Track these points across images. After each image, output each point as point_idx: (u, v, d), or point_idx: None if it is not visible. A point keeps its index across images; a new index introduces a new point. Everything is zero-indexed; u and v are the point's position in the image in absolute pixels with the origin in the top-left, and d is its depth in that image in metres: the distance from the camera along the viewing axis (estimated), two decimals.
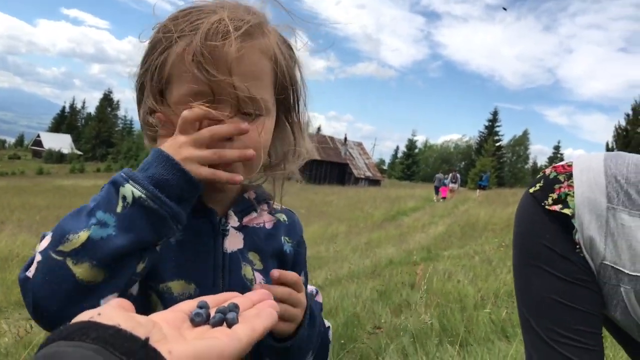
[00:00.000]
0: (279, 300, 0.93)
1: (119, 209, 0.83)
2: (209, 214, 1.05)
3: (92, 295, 0.80)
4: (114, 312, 0.56)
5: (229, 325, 0.64)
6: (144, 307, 0.99)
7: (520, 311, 1.30)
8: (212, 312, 0.66)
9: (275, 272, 0.97)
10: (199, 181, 0.89)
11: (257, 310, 0.70)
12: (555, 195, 1.21)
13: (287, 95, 1.08)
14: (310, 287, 1.23)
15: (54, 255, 0.81)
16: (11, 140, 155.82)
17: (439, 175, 28.67)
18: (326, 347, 1.21)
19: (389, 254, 10.20)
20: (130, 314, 0.57)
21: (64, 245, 0.81)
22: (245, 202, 1.11)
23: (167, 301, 0.98)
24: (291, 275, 0.98)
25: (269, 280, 1.07)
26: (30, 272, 0.83)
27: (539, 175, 1.31)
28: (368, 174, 60.73)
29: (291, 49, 1.09)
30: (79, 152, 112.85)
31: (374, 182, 58.99)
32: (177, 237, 1.01)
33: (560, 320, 1.18)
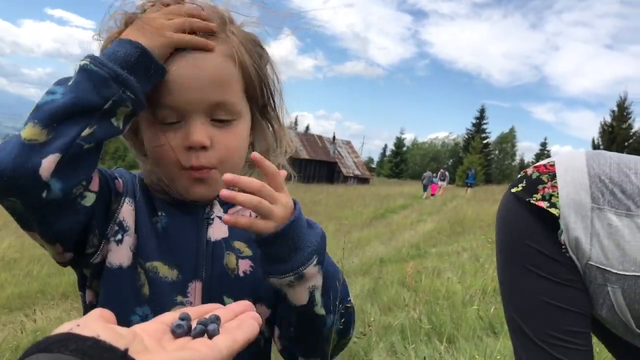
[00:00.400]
0: (250, 191, 0.87)
1: (70, 82, 0.86)
2: (194, 203, 1.06)
3: (34, 152, 0.80)
4: (93, 322, 0.56)
5: (210, 337, 0.64)
6: (131, 283, 0.99)
7: (507, 312, 1.29)
8: (194, 324, 0.66)
9: (257, 155, 0.89)
10: (150, 48, 0.90)
11: (239, 322, 0.70)
12: (539, 196, 1.21)
13: (258, 94, 1.07)
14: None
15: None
16: None
17: (428, 174, 28.87)
18: (345, 293, 1.07)
19: (378, 252, 10.23)
20: (111, 325, 0.57)
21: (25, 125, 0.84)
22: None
23: (153, 280, 0.99)
24: (270, 165, 0.90)
25: (255, 267, 1.06)
26: None
27: (520, 175, 1.31)
28: (357, 172, 60.76)
29: (259, 45, 1.08)
30: None
31: (362, 180, 59.04)
32: (163, 224, 1.03)
33: (550, 322, 1.18)
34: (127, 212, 1.01)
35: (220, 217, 1.07)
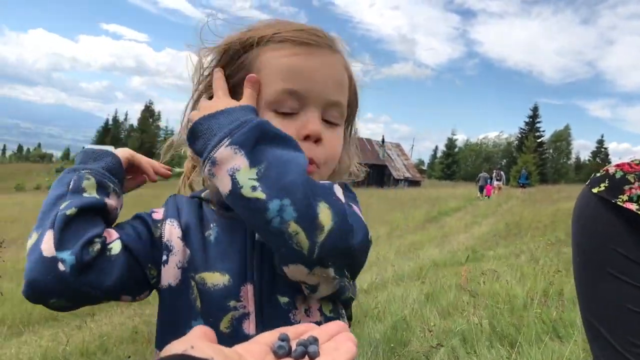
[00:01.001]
0: None
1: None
2: None
3: (35, 248, 0.91)
4: (204, 345, 0.59)
5: (311, 359, 0.65)
6: (185, 298, 1.00)
7: (584, 317, 1.22)
8: (293, 345, 0.67)
9: None
10: None
11: (336, 344, 0.70)
12: (625, 197, 1.13)
13: (352, 112, 1.14)
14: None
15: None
16: (58, 153, 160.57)
17: (483, 174, 28.62)
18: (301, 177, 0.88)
19: (432, 256, 10.12)
20: (218, 347, 0.60)
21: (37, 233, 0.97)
22: None
23: (203, 292, 0.99)
24: None
25: None
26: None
27: (600, 174, 1.21)
28: (407, 175, 60.27)
29: (353, 74, 1.13)
30: None
31: (413, 183, 58.50)
32: (215, 234, 1.04)
33: (634, 329, 1.11)
34: (170, 232, 1.03)
35: None
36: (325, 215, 0.85)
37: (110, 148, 1.08)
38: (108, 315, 7.10)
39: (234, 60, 1.05)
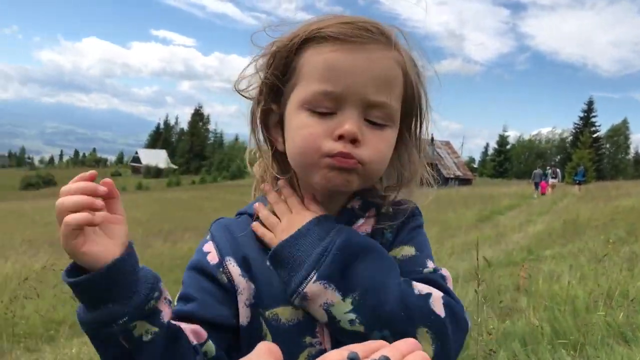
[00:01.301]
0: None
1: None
2: None
3: None
4: None
5: None
6: (256, 338, 0.96)
7: None
8: None
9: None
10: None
11: None
12: None
13: (412, 111, 1.05)
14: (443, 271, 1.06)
15: None
16: (112, 158, 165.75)
17: (538, 171, 28.52)
18: (407, 307, 0.90)
19: (486, 256, 9.89)
20: None
21: None
22: (347, 214, 1.05)
23: (275, 328, 0.96)
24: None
25: None
26: None
27: None
28: (458, 173, 59.46)
29: (418, 66, 1.05)
30: (174, 166, 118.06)
31: (464, 181, 57.65)
32: None
33: None
34: (233, 273, 1.00)
35: None
36: (425, 342, 0.88)
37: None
38: None
39: (283, 65, 1.00)
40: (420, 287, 0.94)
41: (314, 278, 0.89)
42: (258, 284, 0.99)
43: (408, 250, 1.04)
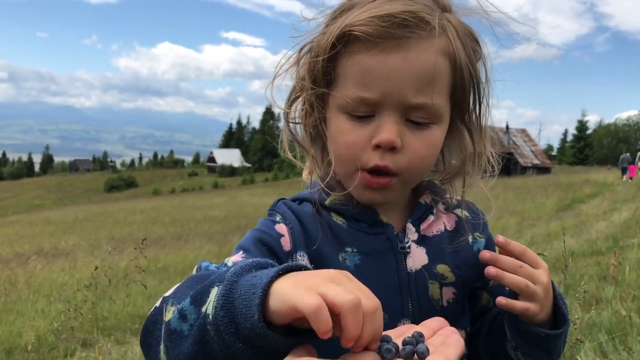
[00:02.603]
0: (507, 270, 0.86)
1: (203, 309, 0.67)
2: (385, 230, 0.98)
3: None
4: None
5: (422, 357, 0.61)
6: (325, 339, 0.92)
7: None
8: (399, 345, 0.64)
9: (500, 238, 0.87)
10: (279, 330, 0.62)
11: (443, 338, 0.67)
12: None
13: (465, 97, 0.96)
14: None
15: (163, 311, 0.74)
16: (189, 159, 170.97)
17: (625, 156, 27.69)
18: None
19: (569, 246, 9.53)
20: None
21: (165, 309, 0.74)
22: (420, 208, 1.03)
23: None
24: (518, 245, 0.87)
25: (461, 295, 1.00)
26: (156, 304, 0.79)
27: None
28: (536, 161, 57.42)
29: (475, 40, 0.95)
30: (248, 165, 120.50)
31: (542, 170, 55.63)
32: (355, 260, 0.95)
33: None
34: None
35: (415, 241, 0.99)
36: None
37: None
38: None
39: (322, 73, 0.93)
40: None
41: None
42: None
43: None
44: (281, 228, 0.97)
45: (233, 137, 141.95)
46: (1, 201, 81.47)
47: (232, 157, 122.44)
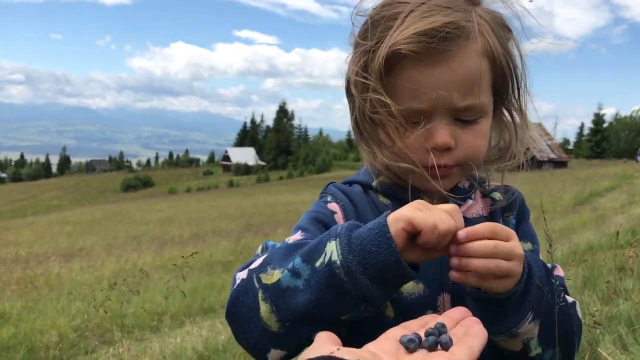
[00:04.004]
0: (484, 256, 0.80)
1: (317, 264, 0.80)
2: None
3: (265, 338, 0.84)
4: (345, 349, 0.61)
5: (445, 348, 0.62)
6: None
7: None
8: (422, 335, 0.65)
9: (461, 233, 0.81)
10: (415, 267, 0.81)
11: (465, 328, 0.68)
12: None
13: (506, 84, 1.02)
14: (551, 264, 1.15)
15: (254, 280, 0.85)
16: (204, 157, 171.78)
17: None
18: (570, 324, 0.99)
19: (587, 239, 9.45)
20: (352, 349, 0.61)
21: (263, 275, 0.84)
22: (460, 192, 1.07)
23: (397, 301, 0.98)
24: (483, 227, 0.82)
25: None
26: (237, 279, 0.90)
27: None
28: (552, 155, 57.01)
29: (506, 26, 1.01)
30: (263, 163, 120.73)
31: (559, 164, 55.21)
32: None
33: None
34: None
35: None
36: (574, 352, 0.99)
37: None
38: None
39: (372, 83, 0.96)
40: (569, 299, 1.01)
41: (530, 318, 0.88)
42: None
43: (527, 247, 1.10)
44: (333, 206, 1.05)
45: (247, 136, 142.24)
46: (20, 202, 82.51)
47: (246, 156, 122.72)
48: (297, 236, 0.98)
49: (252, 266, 0.88)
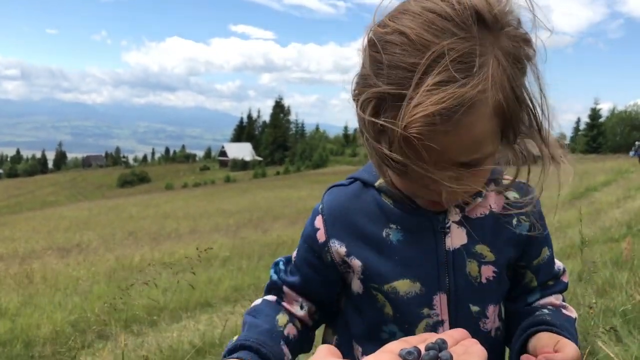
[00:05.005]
0: None
1: None
2: (426, 212, 1.02)
3: None
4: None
5: None
6: (371, 306, 1.04)
7: None
8: (422, 350, 0.65)
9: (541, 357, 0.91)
10: None
11: (465, 347, 0.69)
12: None
13: (518, 121, 0.91)
14: (558, 264, 1.17)
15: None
16: (200, 153, 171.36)
17: None
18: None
19: (583, 233, 9.47)
20: None
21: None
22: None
23: (393, 301, 1.01)
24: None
25: (501, 274, 1.05)
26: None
27: None
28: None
29: (525, 55, 0.88)
30: (259, 158, 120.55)
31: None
32: (398, 236, 1.01)
33: None
34: (337, 254, 1.05)
35: (456, 222, 1.02)
36: None
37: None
38: None
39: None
40: (571, 313, 1.11)
41: None
42: (370, 260, 1.02)
43: (545, 252, 1.12)
44: (318, 222, 1.08)
45: (244, 131, 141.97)
46: (16, 198, 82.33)
47: (243, 151, 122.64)
48: (293, 255, 1.14)
49: (262, 299, 1.11)
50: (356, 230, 1.04)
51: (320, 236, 1.06)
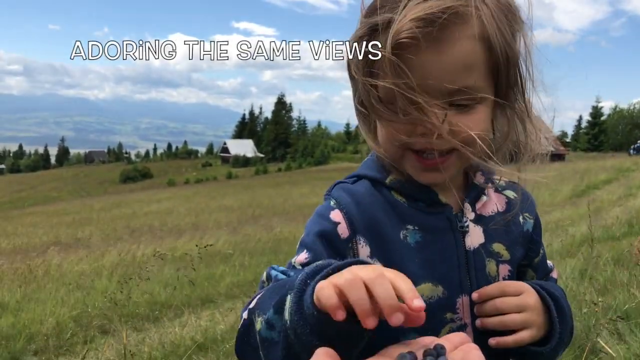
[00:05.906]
0: (500, 312, 0.95)
1: (286, 315, 0.78)
2: (445, 210, 1.01)
3: None
4: None
5: None
6: None
7: None
8: (420, 355, 0.65)
9: (474, 295, 0.97)
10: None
11: (463, 353, 0.69)
12: None
13: (506, 76, 0.93)
14: (548, 261, 1.19)
15: (251, 323, 0.86)
16: (202, 149, 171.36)
17: None
18: (572, 324, 1.08)
19: (582, 231, 9.47)
20: None
21: (255, 320, 0.85)
22: (475, 188, 1.05)
23: None
24: (490, 289, 0.97)
25: (514, 272, 1.06)
26: (242, 318, 0.90)
27: None
28: (550, 148, 56.95)
29: (513, 13, 0.93)
30: (261, 155, 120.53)
31: (557, 156, 55.19)
32: (416, 237, 0.98)
33: None
34: (362, 254, 0.97)
35: (472, 220, 1.02)
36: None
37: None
38: None
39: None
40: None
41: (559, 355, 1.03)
42: (392, 263, 0.95)
43: (541, 250, 1.14)
44: (336, 215, 0.99)
45: (246, 128, 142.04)
46: (19, 193, 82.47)
47: (245, 148, 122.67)
48: (302, 258, 0.96)
49: (251, 305, 0.88)
50: (376, 230, 0.98)
51: (343, 231, 0.97)
